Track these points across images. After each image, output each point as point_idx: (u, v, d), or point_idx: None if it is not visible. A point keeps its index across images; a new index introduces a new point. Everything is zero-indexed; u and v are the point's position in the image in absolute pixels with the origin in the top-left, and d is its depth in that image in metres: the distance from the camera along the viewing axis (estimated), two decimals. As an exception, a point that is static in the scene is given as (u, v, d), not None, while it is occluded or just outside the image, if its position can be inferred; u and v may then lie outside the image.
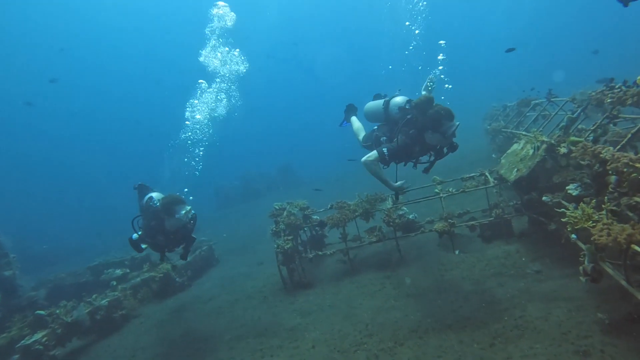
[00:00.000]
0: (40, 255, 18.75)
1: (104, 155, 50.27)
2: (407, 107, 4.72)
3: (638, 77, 4.98)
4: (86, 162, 47.63)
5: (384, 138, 5.01)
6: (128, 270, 10.04)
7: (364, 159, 4.67)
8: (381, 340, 4.64)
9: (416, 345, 4.35)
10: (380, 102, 5.22)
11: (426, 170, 5.04)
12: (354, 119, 6.19)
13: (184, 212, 5.40)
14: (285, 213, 8.00)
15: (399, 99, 4.96)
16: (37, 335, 6.60)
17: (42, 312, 7.26)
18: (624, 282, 3.36)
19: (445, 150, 4.61)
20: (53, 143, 49.76)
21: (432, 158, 4.82)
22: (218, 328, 6.32)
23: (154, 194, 5.88)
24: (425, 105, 4.31)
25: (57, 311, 7.18)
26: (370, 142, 5.37)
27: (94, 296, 7.91)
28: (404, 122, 4.58)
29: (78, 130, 50.98)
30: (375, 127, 5.43)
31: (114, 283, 8.87)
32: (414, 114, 4.47)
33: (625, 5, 4.58)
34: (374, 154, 4.64)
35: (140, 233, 5.69)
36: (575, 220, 3.73)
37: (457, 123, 4.16)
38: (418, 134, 4.46)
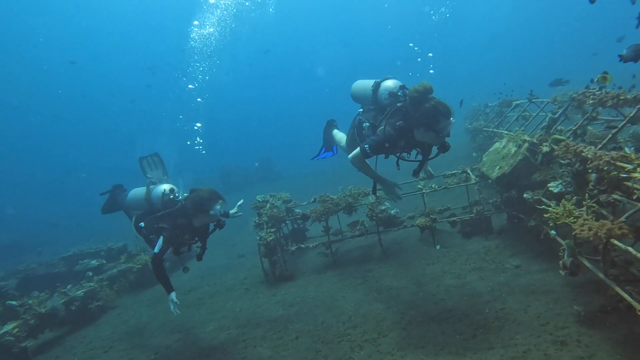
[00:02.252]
0: (8, 246, 18.14)
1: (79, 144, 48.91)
2: (399, 93, 4.19)
3: (598, 77, 5.13)
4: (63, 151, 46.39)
5: (367, 124, 4.48)
6: (104, 261, 9.80)
7: (349, 157, 4.31)
8: (365, 331, 4.69)
9: (399, 336, 4.42)
10: (369, 82, 4.64)
11: (416, 173, 4.46)
12: (335, 132, 5.73)
13: (219, 206, 4.62)
14: (268, 205, 7.98)
15: (390, 83, 4.39)
16: (8, 327, 6.35)
17: (13, 302, 7.03)
18: (601, 275, 3.51)
19: (435, 150, 4.18)
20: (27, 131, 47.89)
21: (420, 157, 4.38)
22: (199, 319, 6.26)
23: (166, 186, 5.14)
24: (422, 98, 3.79)
25: (30, 302, 6.96)
26: (352, 131, 4.93)
27: (69, 286, 7.70)
28: (392, 112, 4.09)
29: (56, 119, 49.14)
30: (360, 110, 4.89)
31: (90, 274, 8.64)
32: (406, 104, 3.99)
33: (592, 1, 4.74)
34: (356, 151, 4.19)
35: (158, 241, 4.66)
36: (557, 216, 3.86)
37: (453, 120, 3.73)
38: (406, 127, 3.95)
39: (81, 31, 43.73)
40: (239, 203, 5.42)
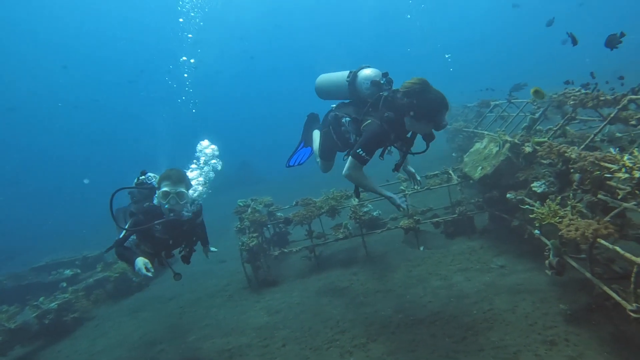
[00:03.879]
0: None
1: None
2: (382, 81, 3.91)
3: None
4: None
5: (347, 119, 4.09)
6: (79, 271, 9.45)
7: (344, 172, 3.82)
8: (354, 336, 4.63)
9: (389, 340, 4.37)
10: (343, 73, 4.21)
11: (397, 168, 4.22)
12: (315, 132, 5.17)
13: (166, 188, 3.87)
14: (249, 210, 7.84)
15: (369, 71, 4.03)
16: (-24, 344, 6.06)
17: (-21, 318, 6.69)
18: (588, 275, 3.55)
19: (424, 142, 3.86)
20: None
21: (402, 150, 4.11)
22: (181, 328, 6.08)
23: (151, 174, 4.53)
24: (422, 88, 3.53)
25: (-2, 316, 6.63)
26: (327, 129, 4.43)
27: (41, 299, 7.37)
28: (382, 102, 3.78)
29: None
30: (333, 106, 4.45)
31: (64, 284, 8.32)
32: (393, 93, 3.74)
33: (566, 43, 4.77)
34: (350, 162, 3.79)
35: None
36: (543, 216, 3.89)
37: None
38: (397, 117, 3.67)
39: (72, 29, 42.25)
40: (212, 249, 5.17)
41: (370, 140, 3.72)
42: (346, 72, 4.18)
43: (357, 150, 3.72)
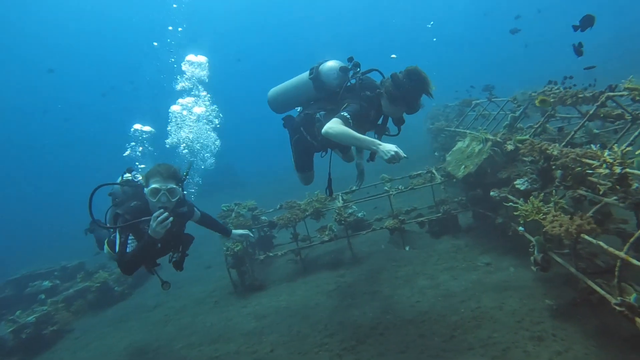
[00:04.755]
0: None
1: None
2: (349, 66, 3.88)
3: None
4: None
5: (322, 112, 3.93)
6: (58, 282, 9.18)
7: (324, 129, 3.38)
8: (342, 339, 4.59)
9: (378, 342, 4.35)
10: (302, 75, 4.12)
11: (372, 157, 3.84)
12: None
13: (156, 184, 3.53)
14: (233, 214, 7.75)
15: (332, 62, 3.94)
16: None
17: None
18: (573, 270, 3.60)
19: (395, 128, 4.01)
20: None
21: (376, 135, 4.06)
22: (167, 337, 5.94)
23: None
24: (411, 71, 3.56)
25: (-28, 332, 6.38)
26: (297, 134, 4.24)
27: (17, 312, 7.12)
28: (359, 84, 3.78)
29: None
30: (300, 109, 4.35)
31: (43, 297, 8.05)
32: (365, 78, 3.81)
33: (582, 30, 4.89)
34: (333, 119, 3.43)
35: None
36: (527, 213, 3.93)
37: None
38: (374, 96, 3.73)
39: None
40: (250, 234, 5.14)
41: (355, 109, 3.57)
42: (305, 73, 4.09)
43: (342, 112, 3.49)
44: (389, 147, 3.13)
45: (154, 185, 3.53)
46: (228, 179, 24.22)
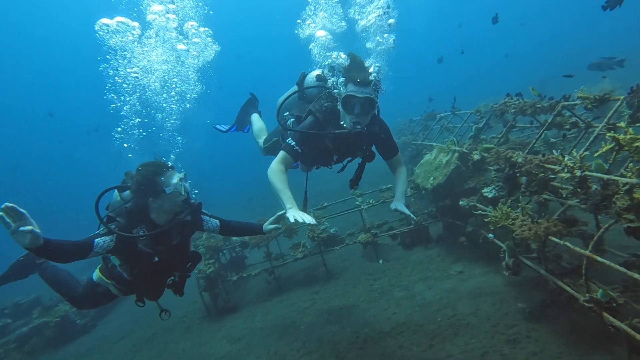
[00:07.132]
0: None
1: None
2: (326, 70, 3.44)
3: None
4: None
5: (292, 119, 3.75)
6: (9, 320, 8.44)
7: (268, 172, 3.23)
8: (322, 356, 4.53)
9: (358, 356, 4.31)
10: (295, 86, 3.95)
11: (353, 183, 3.83)
12: (255, 117, 4.83)
13: (175, 180, 3.10)
14: (204, 236, 7.56)
15: (319, 71, 3.71)
16: None
17: None
18: (542, 272, 3.72)
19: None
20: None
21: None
22: (136, 368, 5.67)
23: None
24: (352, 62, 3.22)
25: None
26: (276, 135, 4.22)
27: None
28: (323, 95, 3.43)
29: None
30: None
31: (-12, 339, 7.44)
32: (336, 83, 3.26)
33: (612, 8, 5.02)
34: (279, 155, 3.28)
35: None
36: (497, 219, 4.05)
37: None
38: (333, 107, 3.31)
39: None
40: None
41: (303, 129, 3.30)
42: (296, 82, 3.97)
43: (287, 140, 3.31)
44: (293, 214, 2.85)
45: (174, 181, 3.11)
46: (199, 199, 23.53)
